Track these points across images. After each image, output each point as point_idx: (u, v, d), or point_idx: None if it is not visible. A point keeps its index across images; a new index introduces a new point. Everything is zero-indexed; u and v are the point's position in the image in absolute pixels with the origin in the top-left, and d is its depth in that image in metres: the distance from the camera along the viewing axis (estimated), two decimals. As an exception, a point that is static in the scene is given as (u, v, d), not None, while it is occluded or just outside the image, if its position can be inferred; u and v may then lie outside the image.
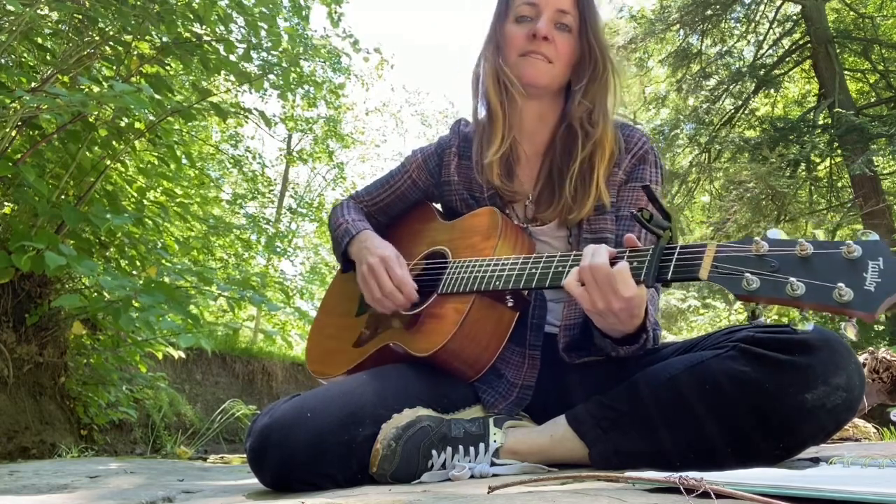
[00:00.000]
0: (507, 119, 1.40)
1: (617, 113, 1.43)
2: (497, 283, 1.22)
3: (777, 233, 0.90)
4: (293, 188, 16.19)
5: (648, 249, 1.02)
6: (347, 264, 1.52)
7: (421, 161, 1.56)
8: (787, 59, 9.10)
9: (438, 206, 1.62)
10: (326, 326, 1.63)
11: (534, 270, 1.18)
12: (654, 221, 1.02)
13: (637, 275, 1.02)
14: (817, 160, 8.36)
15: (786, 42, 9.33)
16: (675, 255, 0.99)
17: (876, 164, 7.59)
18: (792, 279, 0.84)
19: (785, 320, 0.91)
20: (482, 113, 1.47)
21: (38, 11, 2.98)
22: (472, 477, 1.14)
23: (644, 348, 1.16)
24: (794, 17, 9.02)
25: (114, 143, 3.47)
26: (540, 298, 1.36)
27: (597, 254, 1.04)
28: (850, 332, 0.83)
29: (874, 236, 0.83)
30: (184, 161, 4.46)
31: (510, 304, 1.29)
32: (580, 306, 1.09)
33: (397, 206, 1.63)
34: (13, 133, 2.99)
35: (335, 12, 7.74)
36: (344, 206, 1.63)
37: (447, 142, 1.55)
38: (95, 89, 2.83)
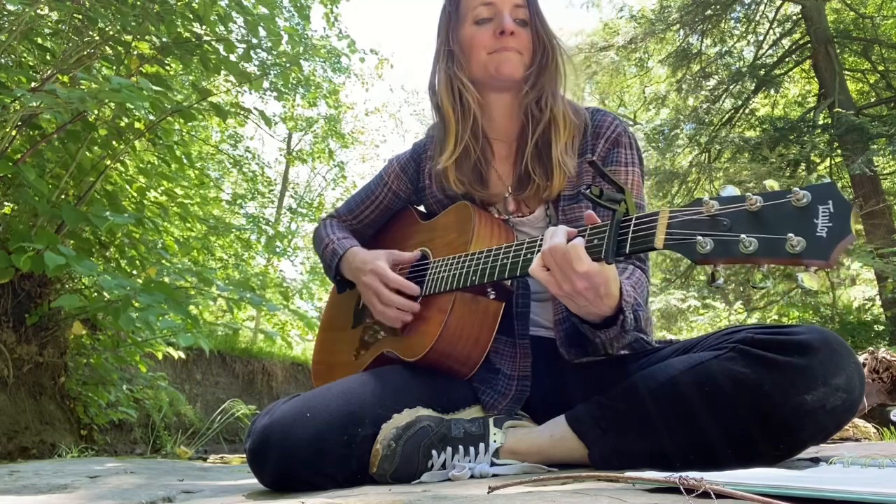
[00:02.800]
0: (460, 126, 1.41)
1: (573, 90, 1.46)
2: (474, 278, 1.22)
3: (731, 189, 0.88)
4: (293, 188, 16.20)
5: (606, 225, 1.01)
6: (342, 285, 1.53)
7: (398, 170, 1.57)
8: (787, 59, 9.10)
9: (420, 206, 1.63)
10: (327, 342, 1.65)
11: (505, 261, 1.18)
12: (606, 196, 1.00)
13: (598, 252, 1.00)
14: (817, 160, 8.36)
15: (786, 42, 9.33)
16: (631, 227, 0.97)
17: (876, 164, 7.58)
18: (743, 236, 0.82)
19: (785, 320, 0.90)
20: (436, 121, 1.49)
21: (38, 11, 2.98)
22: (472, 477, 1.14)
23: (625, 330, 1.14)
24: (794, 17, 9.02)
25: (114, 143, 3.47)
26: (522, 287, 1.37)
27: (554, 235, 1.04)
28: (811, 282, 0.80)
29: (825, 179, 0.81)
30: (184, 161, 4.45)
31: (492, 297, 1.30)
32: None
33: (382, 219, 1.64)
34: (13, 133, 2.99)
35: (332, 13, 7.75)
36: (326, 225, 1.63)
37: (422, 146, 1.57)
38: (94, 87, 2.83)
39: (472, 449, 1.19)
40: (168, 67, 3.90)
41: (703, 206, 0.87)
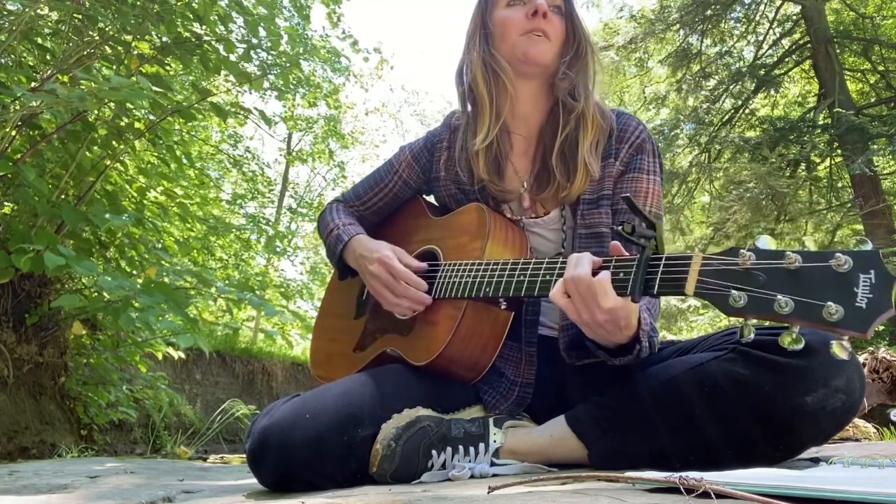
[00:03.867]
0: (495, 107, 1.38)
1: (599, 94, 1.43)
2: (487, 289, 1.20)
3: (766, 241, 0.86)
4: (293, 188, 16.20)
5: (634, 260, 0.99)
6: (345, 271, 1.50)
7: (410, 159, 1.53)
8: (787, 59, 9.10)
9: (430, 198, 1.59)
10: (327, 329, 1.63)
11: (522, 278, 1.15)
12: (638, 233, 0.97)
13: (623, 288, 0.98)
14: (817, 160, 8.36)
15: (786, 42, 9.33)
16: (661, 268, 0.95)
17: (876, 164, 7.58)
18: (779, 296, 0.81)
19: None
20: (468, 105, 1.45)
21: (38, 11, 2.98)
22: (472, 477, 1.14)
23: (640, 358, 1.13)
24: (794, 17, 9.02)
25: (114, 143, 3.47)
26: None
27: (579, 264, 1.02)
28: (841, 353, 0.79)
29: (868, 245, 0.79)
30: (184, 161, 4.45)
31: (503, 307, 1.28)
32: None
33: (390, 207, 1.60)
34: (13, 133, 2.99)
35: (335, 13, 7.75)
36: (332, 209, 1.59)
37: (437, 135, 1.52)
38: (94, 86, 2.83)
39: (472, 449, 1.19)
40: (168, 67, 3.90)
41: (738, 258, 0.86)
